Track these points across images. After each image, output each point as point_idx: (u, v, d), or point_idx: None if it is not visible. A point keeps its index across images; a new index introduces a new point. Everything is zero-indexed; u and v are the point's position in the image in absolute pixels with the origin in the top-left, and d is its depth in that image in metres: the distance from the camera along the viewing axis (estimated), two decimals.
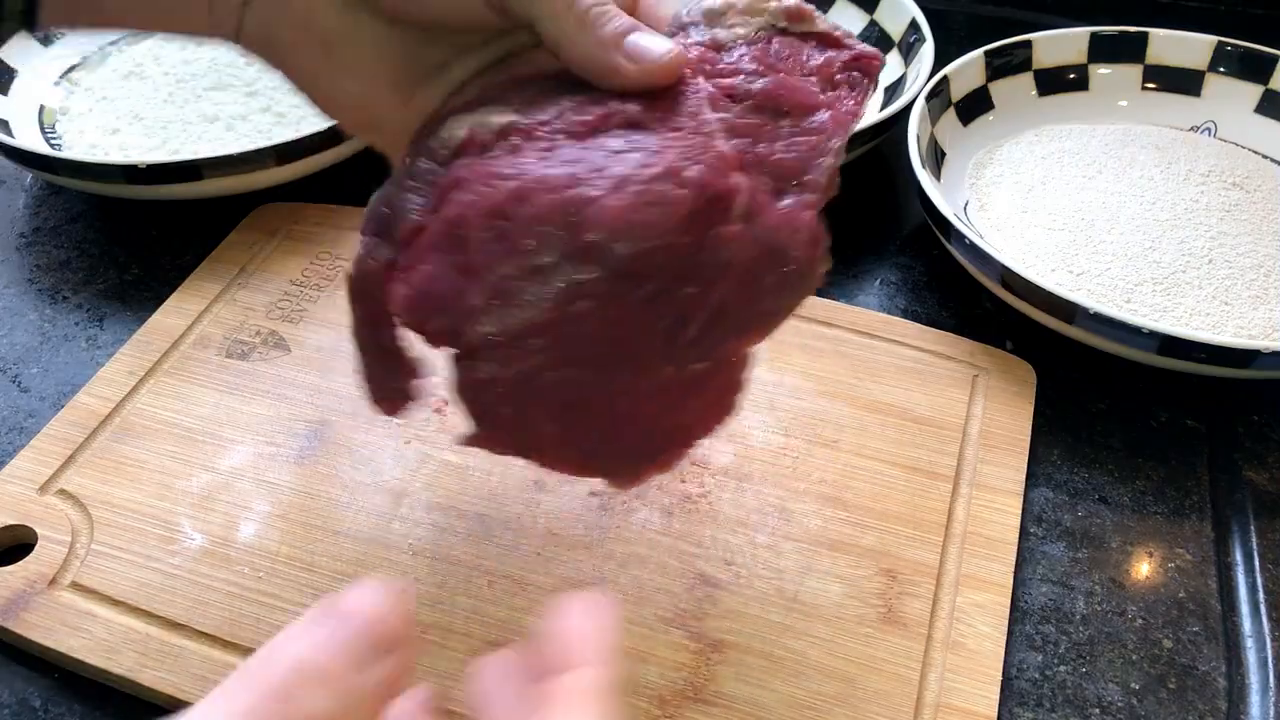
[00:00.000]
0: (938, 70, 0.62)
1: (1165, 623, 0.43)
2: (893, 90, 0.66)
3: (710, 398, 0.34)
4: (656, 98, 0.32)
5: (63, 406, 0.49)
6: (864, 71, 0.35)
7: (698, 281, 0.31)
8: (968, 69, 0.63)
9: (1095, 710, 0.41)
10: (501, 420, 0.33)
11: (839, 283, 0.58)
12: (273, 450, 0.47)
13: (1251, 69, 0.64)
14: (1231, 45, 0.64)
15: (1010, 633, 0.42)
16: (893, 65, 0.68)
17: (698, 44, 0.34)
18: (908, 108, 0.59)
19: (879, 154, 0.65)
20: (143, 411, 0.48)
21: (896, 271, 0.59)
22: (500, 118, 0.33)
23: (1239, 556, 0.46)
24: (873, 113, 0.64)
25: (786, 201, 0.32)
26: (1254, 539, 0.46)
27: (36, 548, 0.43)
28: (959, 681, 0.40)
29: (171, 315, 0.53)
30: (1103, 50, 0.66)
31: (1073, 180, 0.60)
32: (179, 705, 0.39)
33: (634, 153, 0.31)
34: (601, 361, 0.32)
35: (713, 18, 0.35)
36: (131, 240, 0.60)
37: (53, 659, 0.40)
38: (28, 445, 0.47)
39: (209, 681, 0.39)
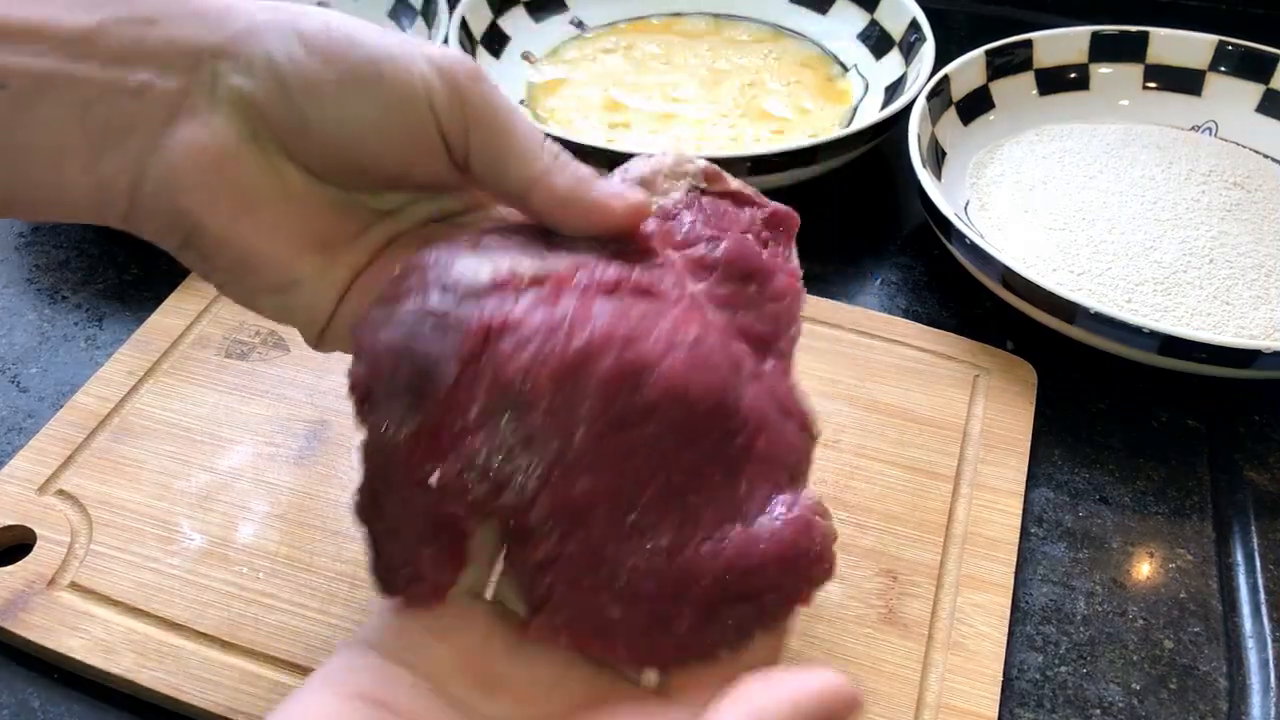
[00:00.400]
0: (938, 69, 0.62)
1: (1166, 623, 0.43)
2: (893, 90, 0.66)
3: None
4: (645, 269, 0.32)
5: (62, 406, 0.49)
6: (784, 229, 0.36)
7: (744, 433, 0.31)
8: (968, 68, 0.63)
9: (1096, 711, 0.40)
10: (567, 602, 0.29)
11: (839, 282, 0.58)
12: (272, 450, 0.47)
13: (1252, 68, 0.64)
14: (1233, 45, 0.64)
15: (1011, 633, 0.42)
16: (893, 65, 0.68)
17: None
18: (908, 107, 0.59)
19: (879, 154, 0.65)
20: (142, 412, 0.48)
21: (897, 271, 0.59)
22: (522, 263, 0.30)
23: (1240, 557, 0.46)
24: (873, 112, 0.64)
25: (770, 364, 0.33)
26: (1255, 539, 0.46)
27: (35, 548, 0.43)
28: (959, 682, 0.40)
29: (171, 315, 0.53)
30: (1103, 50, 0.66)
31: (1074, 180, 0.59)
32: (178, 705, 0.39)
33: (666, 317, 0.30)
34: (667, 527, 0.29)
35: (646, 184, 0.35)
36: (131, 240, 0.59)
37: (51, 659, 0.40)
38: (26, 445, 0.47)
39: (208, 682, 0.39)
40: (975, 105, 0.64)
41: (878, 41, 0.70)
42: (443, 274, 0.29)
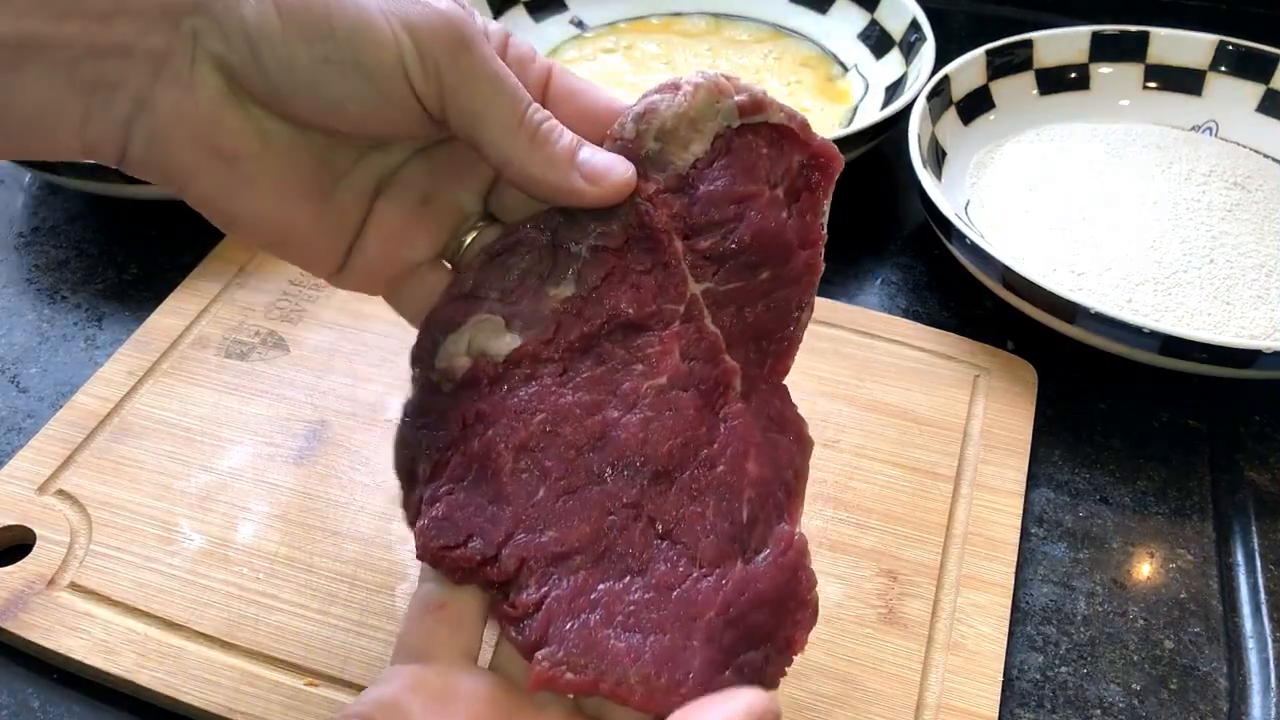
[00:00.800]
0: (939, 69, 0.62)
1: (1166, 623, 0.43)
2: (893, 90, 0.65)
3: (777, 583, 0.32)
4: (640, 282, 0.33)
5: (61, 407, 0.49)
6: (821, 173, 0.34)
7: (725, 460, 0.32)
8: (969, 68, 0.63)
9: (1096, 711, 0.40)
10: (565, 637, 0.30)
11: (839, 282, 0.58)
12: (271, 450, 0.47)
13: (1253, 68, 0.64)
14: (1233, 44, 0.64)
15: (1011, 633, 0.42)
16: (893, 64, 0.68)
17: (661, 192, 0.33)
18: (908, 107, 0.59)
19: (879, 154, 0.65)
20: (141, 412, 0.48)
21: (897, 271, 0.59)
22: (500, 341, 0.32)
23: (1240, 557, 0.46)
24: (873, 112, 0.64)
25: (768, 365, 0.34)
26: (1255, 539, 0.46)
27: (35, 548, 0.43)
28: (960, 682, 0.40)
29: (170, 315, 0.53)
30: (1104, 49, 0.66)
31: (1074, 180, 0.59)
32: (178, 706, 0.39)
33: (638, 364, 0.33)
34: (660, 565, 0.31)
35: (664, 137, 0.33)
36: (130, 240, 0.60)
37: (51, 660, 0.40)
38: (26, 445, 0.47)
39: (207, 682, 0.39)
40: (975, 105, 0.64)
41: (878, 41, 0.70)
42: (427, 370, 0.33)
